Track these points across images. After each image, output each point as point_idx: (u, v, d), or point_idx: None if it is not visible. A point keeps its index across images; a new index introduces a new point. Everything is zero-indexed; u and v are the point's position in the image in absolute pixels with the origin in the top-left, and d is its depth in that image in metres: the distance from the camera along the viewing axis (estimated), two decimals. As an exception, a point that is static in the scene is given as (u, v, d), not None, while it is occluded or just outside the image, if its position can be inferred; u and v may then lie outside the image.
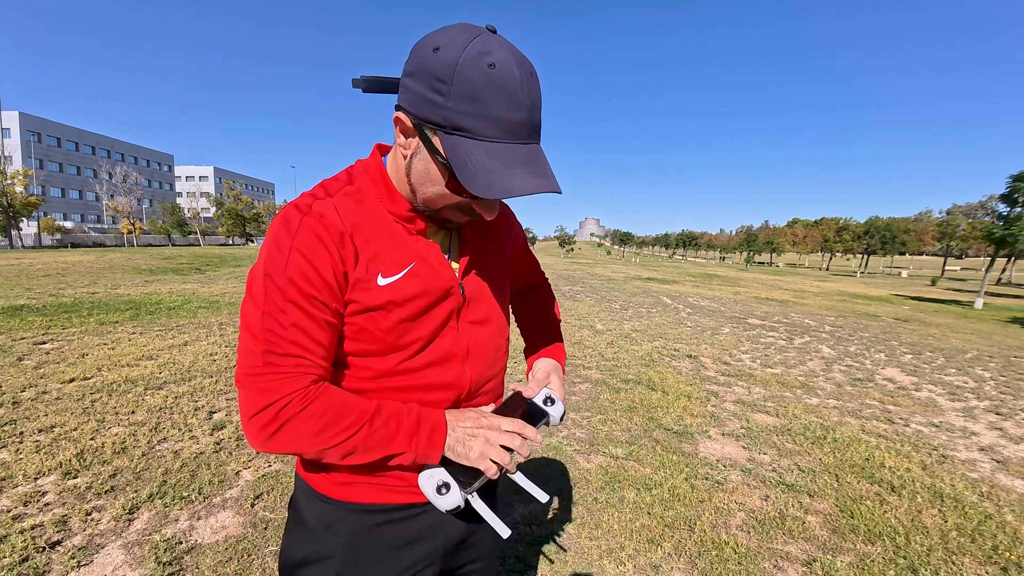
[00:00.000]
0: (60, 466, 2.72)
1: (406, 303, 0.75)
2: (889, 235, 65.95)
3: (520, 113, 0.62)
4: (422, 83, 0.62)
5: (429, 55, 0.61)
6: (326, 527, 0.81)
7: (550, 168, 0.66)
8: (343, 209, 0.72)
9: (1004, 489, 3.12)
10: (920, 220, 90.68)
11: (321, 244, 0.68)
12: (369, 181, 0.77)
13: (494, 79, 0.59)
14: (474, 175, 0.61)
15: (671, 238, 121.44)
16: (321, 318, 0.69)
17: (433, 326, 0.78)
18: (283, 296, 0.67)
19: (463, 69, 0.59)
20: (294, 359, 0.68)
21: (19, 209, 36.83)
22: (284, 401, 0.66)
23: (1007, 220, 19.50)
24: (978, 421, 4.48)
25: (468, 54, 0.59)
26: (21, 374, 4.24)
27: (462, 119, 0.61)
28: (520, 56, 0.62)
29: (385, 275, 0.74)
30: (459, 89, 0.59)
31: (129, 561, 2.04)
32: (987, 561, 2.34)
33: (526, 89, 0.61)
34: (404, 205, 0.76)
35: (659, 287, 18.57)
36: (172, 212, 58.08)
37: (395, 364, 0.77)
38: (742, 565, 2.22)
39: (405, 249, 0.76)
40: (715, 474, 3.09)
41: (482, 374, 0.86)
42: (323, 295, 0.69)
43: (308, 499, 0.84)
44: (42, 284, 10.58)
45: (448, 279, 0.79)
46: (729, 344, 7.51)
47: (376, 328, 0.74)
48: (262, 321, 0.67)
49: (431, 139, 0.65)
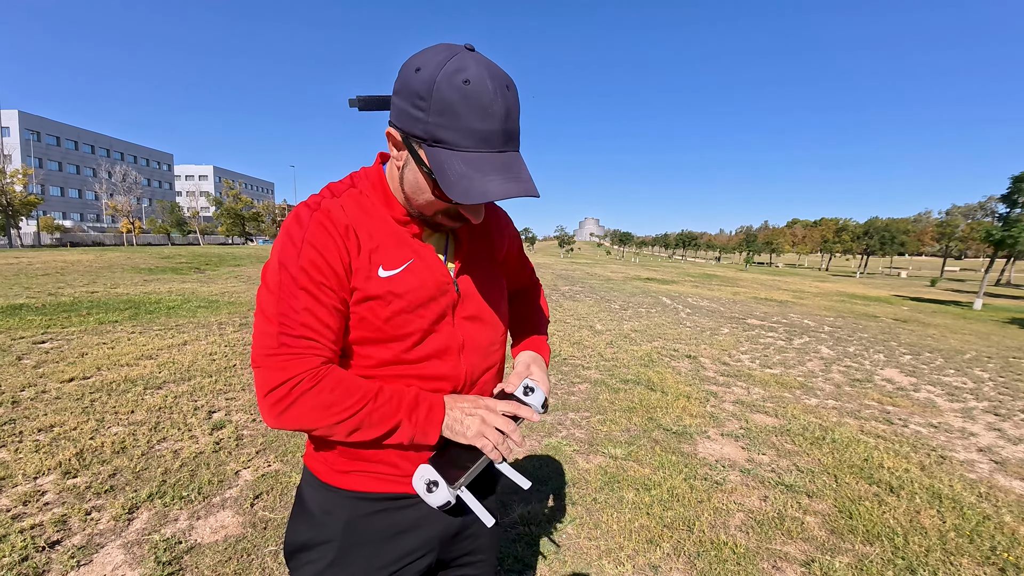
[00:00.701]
0: (59, 465, 2.72)
1: (404, 295, 0.80)
2: (888, 236, 66.04)
3: (493, 124, 0.67)
4: (406, 101, 0.69)
5: (411, 75, 0.68)
6: (325, 513, 0.87)
7: (527, 172, 0.71)
8: (348, 207, 0.80)
9: (1002, 490, 3.13)
10: (919, 221, 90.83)
11: (329, 236, 0.76)
12: (370, 186, 0.84)
13: (468, 94, 0.65)
14: (453, 183, 0.67)
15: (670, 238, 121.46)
16: (330, 304, 0.76)
17: (430, 319, 0.84)
18: (295, 283, 0.74)
19: (440, 86, 0.65)
20: (306, 341, 0.74)
21: (18, 208, 36.82)
22: (297, 379, 0.73)
23: (1006, 221, 19.54)
24: (976, 422, 4.49)
25: (445, 72, 0.65)
26: (20, 373, 4.24)
27: (440, 132, 0.67)
28: (495, 69, 0.68)
29: (386, 268, 0.80)
30: (436, 104, 0.66)
31: (129, 561, 2.04)
32: (985, 562, 2.34)
33: (500, 101, 0.67)
34: (401, 210, 0.83)
35: (658, 287, 18.59)
36: (171, 211, 58.02)
37: (395, 354, 0.82)
38: (741, 565, 2.23)
39: (403, 246, 0.83)
40: (714, 474, 3.10)
41: (476, 366, 0.91)
42: (331, 282, 0.76)
43: (311, 487, 0.90)
44: (41, 283, 10.57)
45: (443, 277, 0.85)
46: (728, 344, 7.52)
47: (376, 317, 0.80)
48: (277, 306, 0.75)
49: (417, 152, 0.71)
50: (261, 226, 63.45)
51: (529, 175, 0.71)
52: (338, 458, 0.87)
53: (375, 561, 0.86)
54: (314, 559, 0.86)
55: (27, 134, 55.65)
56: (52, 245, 40.10)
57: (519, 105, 0.71)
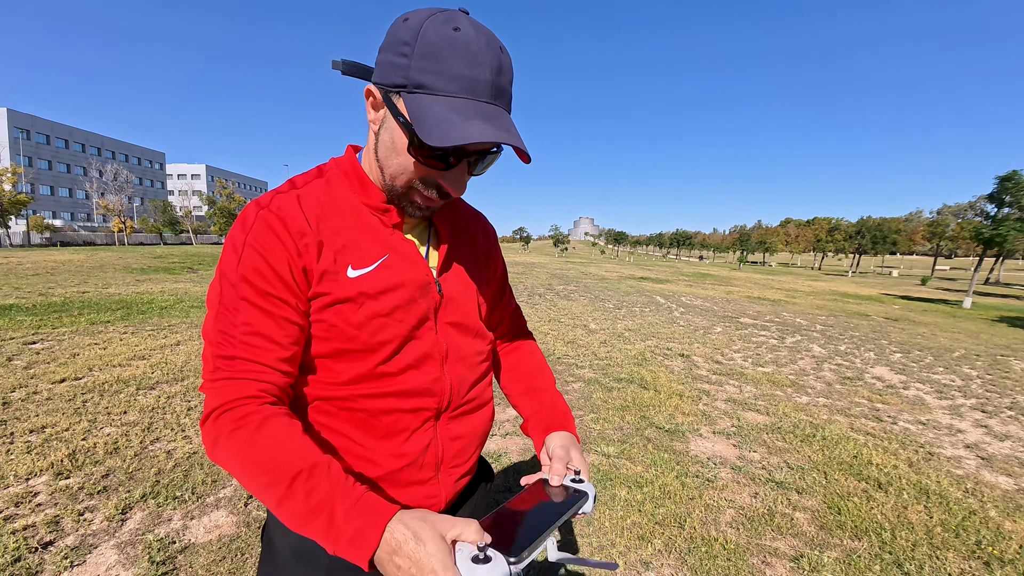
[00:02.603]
0: (52, 466, 2.71)
1: (379, 296, 0.71)
2: (880, 235, 66.61)
3: (482, 72, 0.60)
4: (390, 51, 0.63)
5: (399, 24, 0.63)
6: (300, 559, 0.74)
7: (515, 128, 0.63)
8: (308, 201, 0.70)
9: (988, 485, 3.18)
10: (911, 220, 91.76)
11: (275, 237, 0.66)
12: (340, 174, 0.76)
13: (456, 40, 0.59)
14: (430, 128, 0.59)
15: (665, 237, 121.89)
16: (278, 315, 0.66)
17: (409, 324, 0.74)
18: (236, 293, 0.65)
19: (426, 31, 0.60)
20: (243, 362, 0.64)
21: (7, 207, 36.41)
22: (223, 408, 0.62)
23: (995, 220, 19.78)
24: (964, 419, 4.56)
25: (434, 20, 0.60)
26: (11, 374, 4.21)
27: (423, 76, 0.60)
28: (491, 34, 0.62)
29: (356, 267, 0.71)
30: (421, 47, 0.60)
31: (122, 561, 2.04)
32: (970, 556, 2.39)
33: (491, 53, 0.61)
34: (378, 195, 0.74)
35: (652, 286, 18.67)
36: (164, 210, 57.54)
37: (370, 368, 0.72)
38: (731, 561, 2.26)
39: (378, 241, 0.74)
40: (706, 472, 3.13)
41: (463, 378, 0.81)
42: (278, 290, 0.66)
43: (280, 528, 0.76)
44: (31, 283, 10.48)
45: (423, 274, 0.76)
46: (721, 343, 7.57)
47: (347, 324, 0.70)
48: (215, 322, 0.66)
49: (395, 104, 0.64)
50: (255, 225, 62.80)
51: (518, 133, 0.63)
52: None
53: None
54: None
55: (16, 132, 54.94)
56: (42, 245, 39.65)
57: (512, 71, 0.65)
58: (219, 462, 0.62)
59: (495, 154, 0.68)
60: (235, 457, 0.60)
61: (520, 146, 0.62)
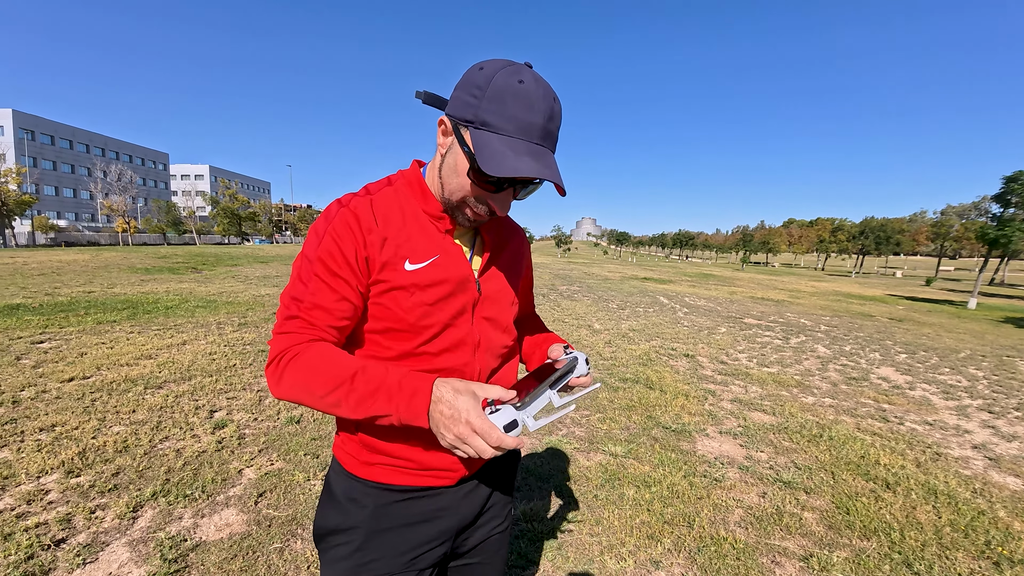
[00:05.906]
0: (63, 465, 2.72)
1: (427, 288, 0.86)
2: (884, 235, 66.37)
3: (535, 117, 0.75)
4: (464, 91, 0.77)
5: (474, 72, 0.77)
6: (351, 500, 0.93)
7: (556, 167, 0.78)
8: (379, 204, 0.86)
9: (996, 486, 3.17)
10: (915, 221, 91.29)
11: (349, 230, 0.82)
12: (406, 184, 0.91)
13: (519, 91, 0.74)
14: (488, 158, 0.73)
15: (667, 238, 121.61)
16: (340, 292, 0.82)
17: (450, 313, 0.88)
18: (311, 269, 0.82)
19: (496, 80, 0.74)
20: (302, 322, 0.82)
21: (12, 208, 36.61)
22: (282, 353, 0.79)
23: (1000, 221, 19.69)
24: (971, 419, 4.55)
25: (504, 72, 0.75)
26: (20, 373, 4.23)
27: (488, 115, 0.74)
28: (548, 86, 0.77)
29: (412, 262, 0.85)
30: (490, 92, 0.74)
31: (134, 558, 2.06)
32: (980, 556, 2.38)
33: (545, 103, 0.75)
34: (436, 205, 0.89)
35: (656, 287, 18.65)
36: (167, 211, 57.75)
37: (414, 346, 0.87)
38: (740, 560, 2.26)
39: (432, 243, 0.88)
40: (713, 471, 3.13)
41: (489, 365, 0.96)
42: (343, 272, 0.82)
43: (338, 475, 0.96)
44: (37, 283, 10.53)
45: (466, 274, 0.90)
46: (726, 343, 7.56)
47: (399, 307, 0.85)
48: (291, 289, 0.84)
49: (463, 134, 0.78)
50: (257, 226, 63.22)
51: (558, 170, 0.77)
52: (361, 450, 0.92)
53: (398, 547, 0.92)
54: (342, 543, 0.92)
55: (21, 133, 55.20)
56: (47, 245, 39.86)
57: (561, 117, 0.80)
58: (284, 394, 0.79)
59: (536, 185, 0.83)
60: (300, 379, 0.77)
61: (559, 182, 0.76)
